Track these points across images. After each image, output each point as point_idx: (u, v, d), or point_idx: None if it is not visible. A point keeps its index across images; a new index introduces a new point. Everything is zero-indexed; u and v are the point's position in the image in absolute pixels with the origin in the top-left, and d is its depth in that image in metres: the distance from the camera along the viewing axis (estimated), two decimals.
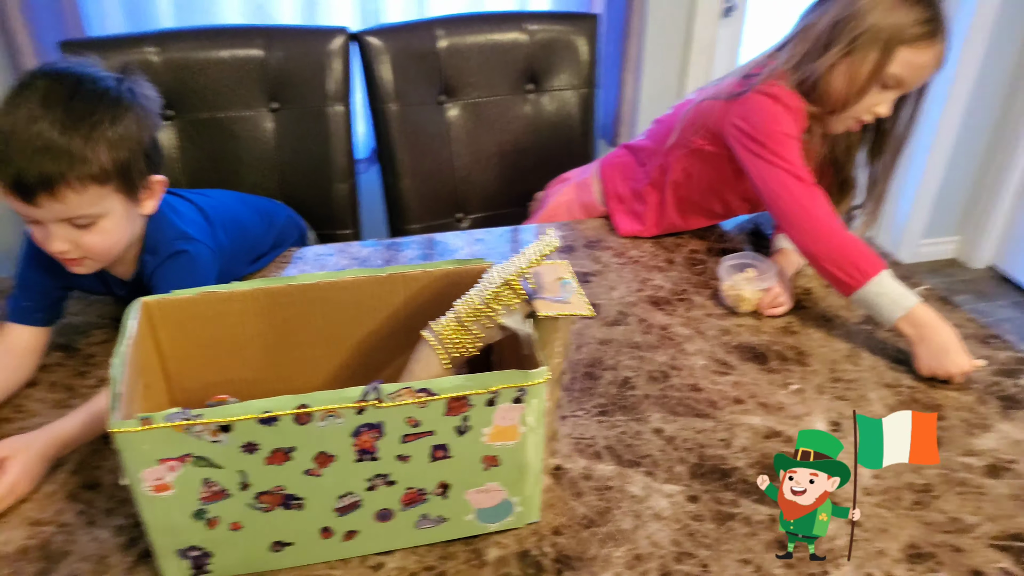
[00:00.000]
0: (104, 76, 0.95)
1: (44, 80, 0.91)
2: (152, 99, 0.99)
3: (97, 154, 0.89)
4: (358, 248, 1.33)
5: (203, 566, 0.76)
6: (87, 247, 0.94)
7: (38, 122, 0.87)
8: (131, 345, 0.76)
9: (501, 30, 1.65)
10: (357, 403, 0.70)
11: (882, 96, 1.15)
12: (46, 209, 0.89)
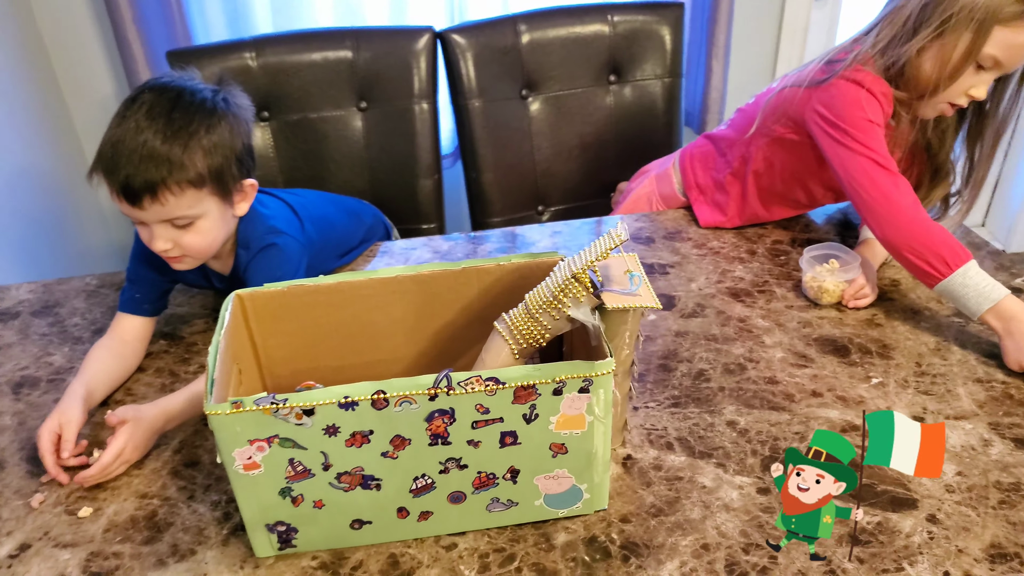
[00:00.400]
0: (202, 88, 1.03)
1: (150, 94, 0.99)
2: (245, 108, 1.07)
3: (194, 161, 0.97)
4: (440, 242, 1.38)
5: (289, 540, 0.82)
6: (186, 246, 1.01)
7: (143, 132, 0.96)
8: (226, 335, 0.82)
9: (583, 23, 1.66)
10: (429, 390, 0.74)
11: (977, 78, 1.11)
12: (149, 211, 0.97)
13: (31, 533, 0.86)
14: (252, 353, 0.91)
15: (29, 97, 1.83)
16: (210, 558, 0.82)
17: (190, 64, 1.54)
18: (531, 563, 0.80)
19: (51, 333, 1.19)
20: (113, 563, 0.82)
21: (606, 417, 0.79)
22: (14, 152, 1.74)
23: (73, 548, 0.84)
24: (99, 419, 1.01)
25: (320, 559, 0.82)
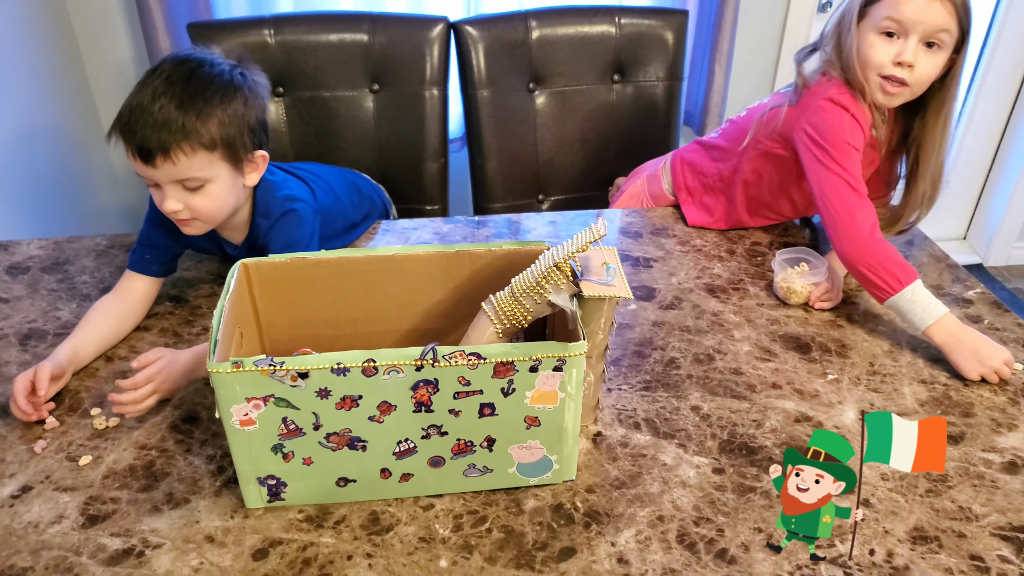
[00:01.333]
0: (221, 63, 1.09)
1: (171, 64, 1.06)
2: (262, 84, 1.13)
3: (208, 127, 1.03)
4: (440, 224, 1.44)
5: (278, 494, 0.89)
6: (196, 208, 1.07)
7: (160, 98, 1.02)
8: (230, 300, 0.89)
9: (592, 23, 1.72)
10: (416, 361, 0.80)
11: (893, 47, 1.16)
12: (161, 170, 1.03)
13: (33, 476, 0.93)
14: (254, 318, 0.98)
15: (49, 58, 1.89)
16: (203, 507, 0.89)
17: (209, 36, 1.60)
18: (500, 525, 0.87)
19: (59, 289, 1.25)
20: (110, 507, 0.89)
21: (577, 395, 0.85)
22: (32, 111, 1.80)
23: (72, 492, 0.91)
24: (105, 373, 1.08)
25: (306, 512, 0.88)
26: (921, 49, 1.16)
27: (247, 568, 0.82)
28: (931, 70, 1.18)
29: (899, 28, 1.16)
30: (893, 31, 1.16)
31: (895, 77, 1.17)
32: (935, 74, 1.19)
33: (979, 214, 2.85)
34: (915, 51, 1.15)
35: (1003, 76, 2.57)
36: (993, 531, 0.86)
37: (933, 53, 1.16)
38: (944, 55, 1.17)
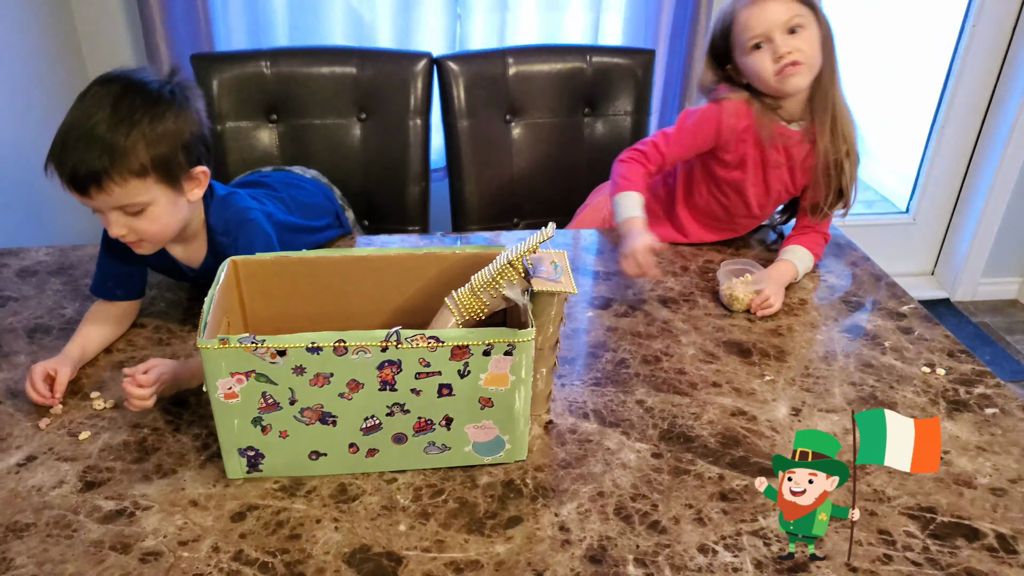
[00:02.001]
0: (150, 80, 1.08)
1: (97, 87, 1.05)
2: (195, 98, 1.12)
3: (136, 150, 1.02)
4: (416, 239, 1.56)
5: (257, 465, 0.98)
6: (141, 231, 1.09)
7: (89, 121, 1.02)
8: (220, 291, 0.99)
9: (565, 60, 1.85)
10: (382, 343, 0.91)
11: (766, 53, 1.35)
12: (98, 200, 1.05)
13: (37, 448, 1.02)
14: (240, 310, 1.08)
15: (58, 84, 2.02)
16: (188, 477, 0.99)
17: (210, 67, 1.73)
18: (456, 497, 0.97)
19: (64, 290, 1.36)
20: (106, 475, 0.98)
21: (527, 379, 0.96)
22: (44, 132, 1.92)
23: (72, 462, 1.00)
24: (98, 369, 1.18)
25: (281, 483, 0.98)
26: (788, 37, 1.33)
27: (226, 528, 0.91)
28: (807, 42, 1.34)
29: (761, 38, 1.34)
30: (759, 43, 1.35)
31: (786, 62, 1.33)
32: (815, 44, 1.35)
33: (945, 250, 2.97)
34: (784, 41, 1.33)
35: (966, 113, 2.72)
36: (902, 511, 0.96)
37: (799, 33, 1.34)
38: (812, 30, 1.35)
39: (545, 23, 2.20)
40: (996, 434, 1.09)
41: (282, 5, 2.11)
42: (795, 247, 1.46)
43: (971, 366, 1.22)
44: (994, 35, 2.58)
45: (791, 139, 1.42)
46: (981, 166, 2.76)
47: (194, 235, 1.21)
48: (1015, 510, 0.96)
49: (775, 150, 1.42)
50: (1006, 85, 2.62)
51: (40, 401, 1.08)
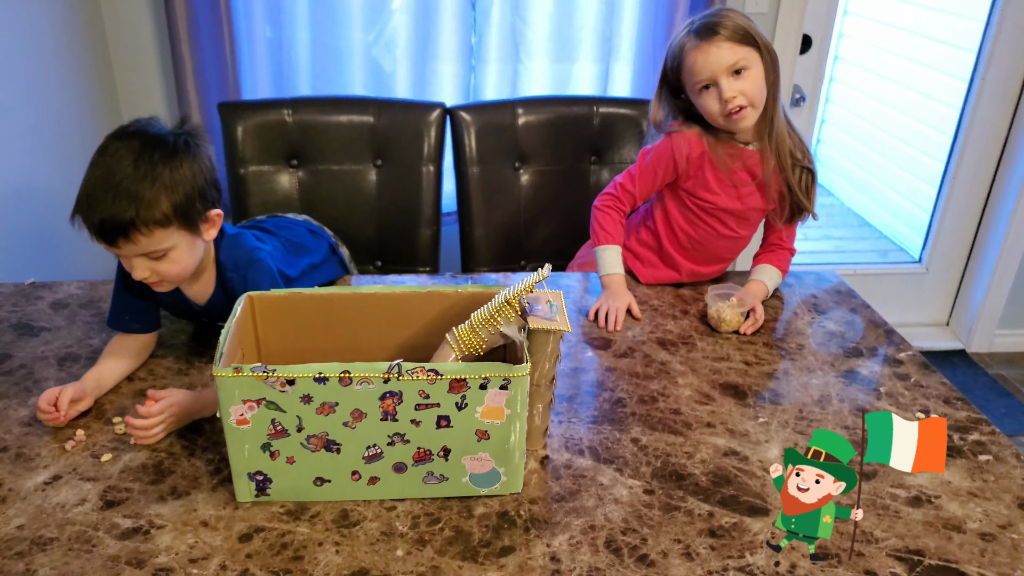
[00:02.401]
0: (164, 133, 1.16)
1: (117, 142, 1.13)
2: (205, 146, 1.20)
3: (160, 201, 1.10)
4: (426, 279, 1.61)
5: (265, 489, 1.03)
6: (163, 273, 1.17)
7: (113, 177, 1.09)
8: (236, 324, 1.05)
9: (572, 111, 1.93)
10: (384, 374, 0.96)
11: (713, 94, 1.44)
12: (125, 249, 1.13)
13: (63, 468, 1.08)
14: (254, 342, 1.14)
15: (96, 127, 2.12)
16: (200, 499, 1.04)
17: (236, 115, 1.82)
18: (452, 525, 1.01)
19: (93, 322, 1.43)
20: (124, 495, 1.04)
21: (522, 413, 1.00)
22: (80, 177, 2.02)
23: (94, 482, 1.06)
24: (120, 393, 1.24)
25: (287, 507, 1.02)
26: (734, 80, 1.42)
27: (233, 548, 0.96)
28: (752, 83, 1.43)
29: (708, 81, 1.43)
30: (707, 85, 1.44)
31: (732, 108, 1.42)
32: (760, 85, 1.44)
33: (960, 301, 2.99)
34: (730, 86, 1.42)
35: (978, 163, 2.76)
36: (890, 552, 0.98)
37: (744, 75, 1.42)
38: (756, 68, 1.43)
39: (556, 74, 2.29)
40: (988, 480, 1.11)
41: (305, 57, 2.21)
42: (764, 266, 1.59)
43: (967, 413, 1.25)
44: (1004, 86, 2.63)
45: (751, 159, 1.52)
46: (994, 216, 2.79)
47: (203, 272, 1.28)
48: (1003, 555, 0.98)
49: (736, 172, 1.52)
50: (1017, 135, 2.67)
51: (46, 418, 1.14)
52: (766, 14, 2.41)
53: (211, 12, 2.03)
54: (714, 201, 1.54)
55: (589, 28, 2.27)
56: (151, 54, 2.21)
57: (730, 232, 1.58)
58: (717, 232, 1.58)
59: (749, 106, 1.43)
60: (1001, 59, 2.59)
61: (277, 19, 2.17)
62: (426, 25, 2.20)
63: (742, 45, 1.42)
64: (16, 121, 1.78)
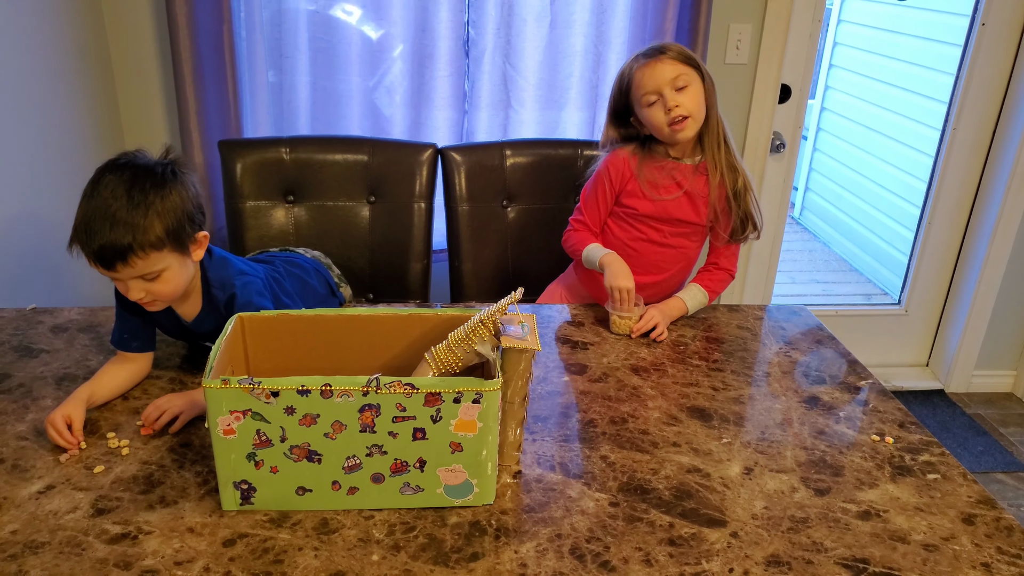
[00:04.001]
0: (153, 164, 1.24)
1: (110, 175, 1.21)
2: (190, 174, 1.28)
3: (153, 226, 1.18)
4: (413, 307, 1.68)
5: (249, 498, 1.09)
6: (156, 292, 1.25)
7: (109, 207, 1.17)
8: (226, 341, 1.12)
9: (558, 153, 2.02)
10: (363, 388, 1.02)
11: (659, 106, 1.61)
12: (122, 273, 1.21)
13: (56, 479, 1.14)
14: (244, 359, 1.21)
15: (102, 159, 2.21)
16: (188, 508, 1.09)
17: (236, 152, 1.91)
18: (426, 533, 1.06)
19: (91, 344, 1.50)
20: (115, 504, 1.09)
21: (493, 427, 1.06)
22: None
23: (86, 491, 1.12)
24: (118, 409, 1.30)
25: (270, 516, 1.08)
26: (677, 93, 1.60)
27: (217, 552, 1.01)
28: (692, 99, 1.60)
29: (654, 94, 1.61)
30: (653, 99, 1.61)
31: (674, 119, 1.60)
32: (700, 101, 1.62)
33: (938, 342, 3.06)
34: (672, 97, 1.59)
35: (952, 208, 2.85)
36: (837, 560, 1.04)
37: (685, 90, 1.60)
38: (696, 87, 1.61)
39: (545, 120, 2.39)
40: (935, 497, 1.17)
41: (305, 100, 2.32)
42: (692, 286, 1.73)
43: (919, 436, 1.31)
44: (974, 135, 2.74)
45: (683, 172, 1.68)
46: (969, 260, 2.87)
47: (192, 291, 1.36)
48: (944, 564, 1.04)
49: (660, 183, 1.68)
50: (988, 182, 2.76)
51: (66, 445, 1.19)
52: (746, 64, 2.53)
53: (215, 55, 2.13)
54: (635, 206, 1.70)
55: (576, 76, 2.37)
56: (156, 94, 2.31)
57: (662, 239, 1.72)
58: (648, 237, 1.72)
59: (690, 117, 1.60)
60: (971, 110, 2.70)
61: (279, 64, 2.28)
62: (422, 71, 2.30)
63: (684, 64, 1.61)
64: (24, 155, 1.88)
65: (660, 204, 1.68)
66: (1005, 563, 1.04)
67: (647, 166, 1.69)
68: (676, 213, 1.70)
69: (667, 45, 1.63)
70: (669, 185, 1.68)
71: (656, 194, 1.68)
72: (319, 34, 2.27)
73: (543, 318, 1.69)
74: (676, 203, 1.69)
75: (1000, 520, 1.12)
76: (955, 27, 2.88)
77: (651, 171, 1.68)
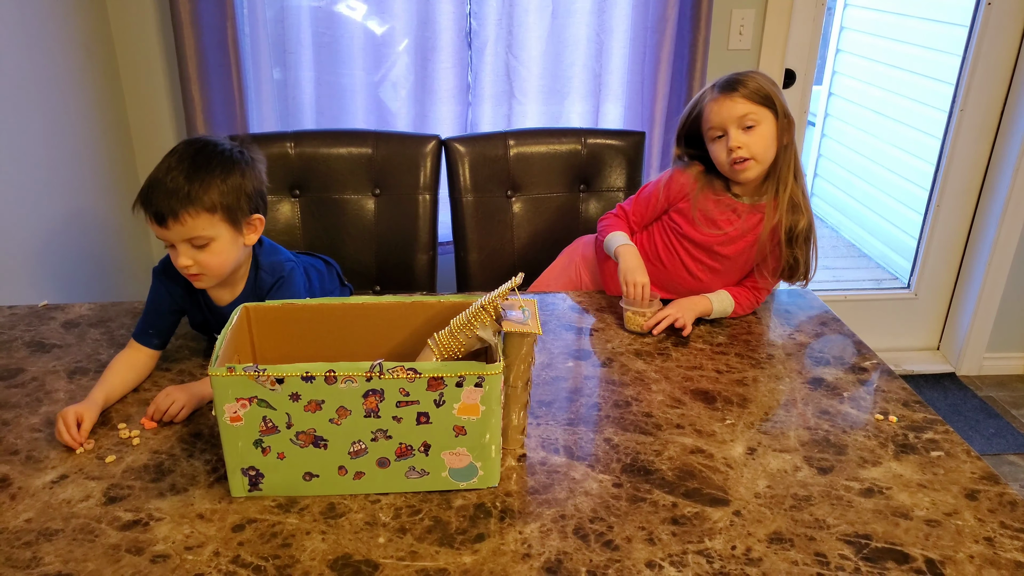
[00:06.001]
0: (224, 144, 1.32)
1: (182, 146, 1.30)
2: (259, 161, 1.36)
3: (209, 195, 1.25)
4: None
5: (257, 484, 1.10)
6: (203, 263, 1.29)
7: (171, 172, 1.25)
8: (232, 331, 1.14)
9: (561, 142, 2.03)
10: (366, 373, 1.04)
11: (724, 143, 1.54)
12: (173, 231, 1.26)
13: (70, 468, 1.16)
14: (250, 349, 1.22)
15: (109, 160, 2.24)
16: (197, 495, 1.11)
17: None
18: (432, 516, 1.07)
19: (101, 339, 1.52)
20: (126, 492, 1.11)
21: (496, 410, 1.08)
22: (100, 206, 2.13)
23: (98, 480, 1.14)
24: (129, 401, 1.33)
25: (278, 501, 1.10)
26: (743, 133, 1.52)
27: (227, 537, 1.03)
28: (759, 141, 1.52)
29: (719, 130, 1.54)
30: (719, 134, 1.55)
31: (735, 159, 1.53)
32: (768, 143, 1.53)
33: (949, 325, 3.04)
34: (737, 137, 1.52)
35: (961, 191, 2.84)
36: (839, 537, 1.05)
37: (753, 130, 1.52)
38: (766, 127, 1.53)
39: (548, 112, 2.40)
40: (939, 473, 1.17)
41: (310, 96, 2.33)
42: (722, 291, 1.65)
43: (923, 415, 1.31)
44: (982, 118, 2.72)
45: (739, 211, 1.61)
46: (978, 243, 2.86)
47: (240, 279, 1.40)
48: (946, 539, 1.05)
49: (717, 220, 1.62)
50: (997, 164, 2.75)
51: (69, 443, 1.21)
52: (749, 50, 2.52)
53: (220, 53, 2.15)
54: (681, 225, 1.64)
55: (579, 65, 2.38)
56: (162, 91, 2.33)
57: (695, 268, 1.66)
58: (681, 258, 1.66)
59: (752, 159, 1.53)
60: (978, 91, 2.69)
61: (283, 60, 2.30)
62: (425, 65, 2.32)
63: (757, 104, 1.52)
64: (31, 154, 1.90)
65: (705, 235, 1.63)
66: (1008, 537, 1.04)
67: (705, 195, 1.62)
68: (717, 248, 1.63)
69: (744, 79, 1.53)
70: (721, 220, 1.61)
71: (705, 226, 1.62)
72: (322, 30, 2.28)
73: (547, 305, 1.70)
74: (725, 240, 1.62)
75: (1004, 495, 1.12)
76: (961, 7, 2.85)
77: (707, 202, 1.61)
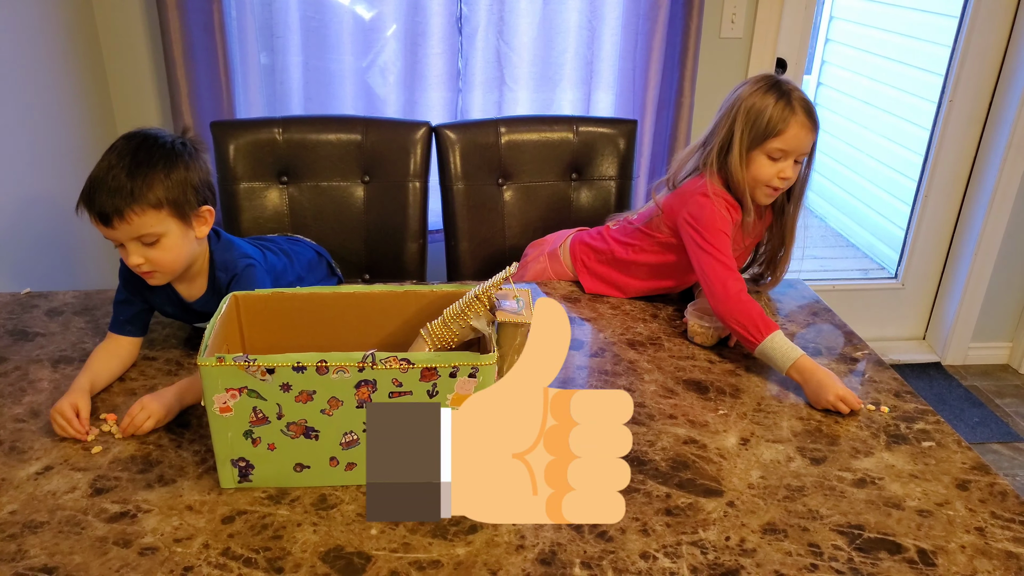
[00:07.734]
0: (165, 136, 1.27)
1: (122, 141, 1.25)
2: (201, 151, 1.32)
3: (154, 191, 1.22)
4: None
5: (247, 475, 1.09)
6: (155, 261, 1.26)
7: (112, 170, 1.21)
8: (221, 320, 1.12)
9: (553, 129, 2.01)
10: (359, 363, 1.02)
11: (775, 166, 1.48)
12: (120, 231, 1.22)
13: (54, 459, 1.14)
14: (239, 338, 1.21)
15: (92, 145, 2.21)
16: (186, 486, 1.10)
17: (228, 133, 1.91)
18: None
19: (86, 328, 1.50)
20: (113, 483, 1.10)
21: None
22: (77, 192, 2.10)
23: (84, 472, 1.12)
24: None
25: (268, 492, 1.09)
26: (795, 165, 1.50)
27: (216, 529, 1.02)
28: (797, 172, 1.52)
29: (783, 154, 1.48)
30: (777, 156, 1.48)
31: (775, 186, 1.49)
32: (800, 173, 1.54)
33: (935, 315, 3.06)
34: (788, 168, 1.49)
35: (949, 181, 2.85)
36: (832, 527, 1.05)
37: (799, 164, 1.52)
38: (803, 162, 1.52)
39: (539, 99, 2.38)
40: (930, 464, 1.18)
41: (298, 81, 2.31)
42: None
43: (915, 405, 1.32)
44: (971, 107, 2.73)
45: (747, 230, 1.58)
46: (965, 234, 2.87)
47: (198, 274, 1.37)
48: (938, 529, 1.05)
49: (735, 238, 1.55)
50: (985, 155, 2.76)
51: (75, 434, 1.19)
52: (741, 38, 2.51)
53: (206, 36, 2.12)
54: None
55: (571, 52, 2.36)
56: (147, 76, 2.30)
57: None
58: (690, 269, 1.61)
59: (783, 190, 1.53)
60: (967, 82, 2.69)
61: (271, 44, 2.27)
62: (415, 50, 2.29)
63: (812, 136, 1.49)
64: (16, 139, 1.87)
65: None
66: (999, 527, 1.05)
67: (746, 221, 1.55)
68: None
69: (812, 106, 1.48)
70: (736, 238, 1.55)
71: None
72: (310, 14, 2.25)
73: (540, 296, 1.68)
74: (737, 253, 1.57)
75: (994, 486, 1.13)
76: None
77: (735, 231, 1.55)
